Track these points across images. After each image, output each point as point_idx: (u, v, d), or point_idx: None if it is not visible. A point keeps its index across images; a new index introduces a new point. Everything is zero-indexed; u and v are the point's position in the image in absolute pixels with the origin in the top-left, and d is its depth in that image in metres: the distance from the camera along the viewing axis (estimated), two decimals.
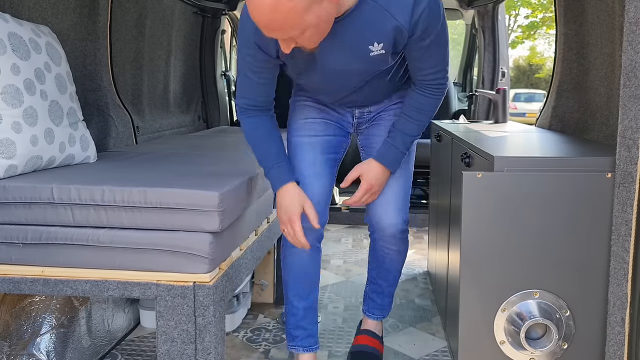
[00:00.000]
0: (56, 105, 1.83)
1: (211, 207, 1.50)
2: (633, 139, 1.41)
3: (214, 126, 4.35)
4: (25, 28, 1.78)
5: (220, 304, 1.56)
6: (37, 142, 1.72)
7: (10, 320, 1.87)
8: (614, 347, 1.50)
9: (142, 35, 3.17)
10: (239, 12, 4.77)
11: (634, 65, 1.40)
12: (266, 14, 1.41)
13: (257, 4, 1.40)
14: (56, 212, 1.56)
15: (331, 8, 1.48)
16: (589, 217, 1.67)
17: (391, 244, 1.99)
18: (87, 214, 1.55)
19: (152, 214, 1.53)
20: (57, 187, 1.55)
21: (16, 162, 1.66)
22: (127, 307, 2.39)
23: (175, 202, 1.51)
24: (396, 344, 2.31)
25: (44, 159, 1.76)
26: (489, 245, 1.71)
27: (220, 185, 1.57)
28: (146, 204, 1.52)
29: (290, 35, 1.48)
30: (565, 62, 2.64)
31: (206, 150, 2.46)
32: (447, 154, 2.47)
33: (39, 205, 1.56)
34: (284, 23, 1.42)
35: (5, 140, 1.62)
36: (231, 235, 1.66)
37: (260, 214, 1.99)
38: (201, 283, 1.52)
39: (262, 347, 2.28)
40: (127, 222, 1.54)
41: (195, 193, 1.51)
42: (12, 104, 1.64)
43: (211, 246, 1.51)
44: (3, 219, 1.58)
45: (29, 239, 1.56)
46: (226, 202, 1.53)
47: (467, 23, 4.94)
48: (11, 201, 1.57)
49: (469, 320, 1.75)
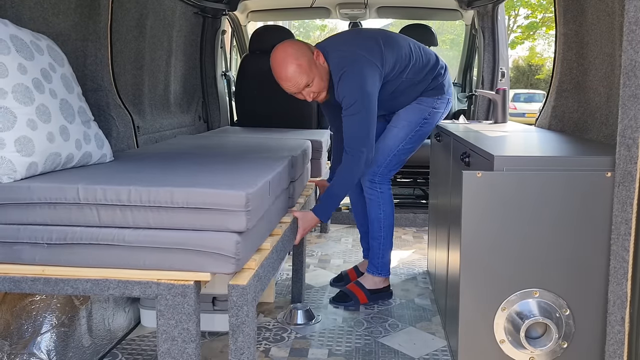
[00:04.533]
0: (66, 104, 1.83)
1: (238, 207, 1.50)
2: (633, 138, 1.41)
3: (214, 126, 4.35)
4: (25, 32, 1.78)
5: (253, 303, 1.57)
6: (53, 139, 1.72)
7: (11, 320, 1.87)
8: (614, 346, 1.51)
9: (143, 36, 3.17)
10: (240, 12, 4.78)
11: (634, 64, 1.41)
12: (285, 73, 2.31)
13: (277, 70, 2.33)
14: (82, 212, 1.55)
15: (319, 63, 2.38)
16: (588, 216, 1.67)
17: (366, 191, 2.73)
18: (113, 214, 1.54)
19: (178, 214, 1.53)
20: (83, 187, 1.54)
21: (36, 160, 1.65)
22: (127, 306, 2.40)
23: (202, 202, 1.51)
24: (396, 344, 2.32)
25: (62, 156, 1.76)
26: (488, 245, 1.72)
27: (246, 185, 1.58)
28: (173, 204, 1.52)
29: (302, 84, 2.34)
30: (565, 62, 2.65)
31: (218, 150, 2.45)
32: (447, 154, 2.47)
33: (64, 206, 1.56)
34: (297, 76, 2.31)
35: (23, 138, 1.62)
36: (254, 235, 1.66)
37: (277, 215, 1.99)
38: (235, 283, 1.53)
39: (263, 347, 2.29)
40: (153, 222, 1.54)
41: (222, 193, 1.50)
42: (24, 102, 1.64)
43: (238, 246, 1.51)
44: (27, 219, 1.57)
45: (54, 240, 1.55)
46: (252, 202, 1.53)
47: (466, 23, 4.94)
48: (36, 201, 1.56)
49: (469, 320, 1.75)
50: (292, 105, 4.24)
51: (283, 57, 2.31)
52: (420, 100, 2.67)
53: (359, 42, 2.52)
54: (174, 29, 3.65)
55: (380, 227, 2.73)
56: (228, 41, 4.90)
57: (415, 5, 4.87)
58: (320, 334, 2.41)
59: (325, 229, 4.08)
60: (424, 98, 2.67)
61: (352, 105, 2.37)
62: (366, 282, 2.75)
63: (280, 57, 2.32)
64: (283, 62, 2.31)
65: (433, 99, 2.68)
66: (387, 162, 2.69)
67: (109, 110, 2.75)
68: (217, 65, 4.38)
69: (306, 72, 2.31)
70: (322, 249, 3.66)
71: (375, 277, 2.76)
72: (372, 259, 2.78)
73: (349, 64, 2.39)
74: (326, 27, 35.85)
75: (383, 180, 2.71)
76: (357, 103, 2.37)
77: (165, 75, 3.56)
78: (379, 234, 2.73)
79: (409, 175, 4.74)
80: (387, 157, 2.68)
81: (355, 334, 2.41)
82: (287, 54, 2.31)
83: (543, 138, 2.32)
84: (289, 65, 2.30)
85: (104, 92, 2.74)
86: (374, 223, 2.73)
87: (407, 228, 4.18)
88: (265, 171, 1.84)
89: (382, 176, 2.71)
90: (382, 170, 2.69)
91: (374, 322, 2.54)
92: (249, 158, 2.16)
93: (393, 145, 2.69)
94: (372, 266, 2.77)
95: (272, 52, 2.36)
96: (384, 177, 2.72)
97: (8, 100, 1.61)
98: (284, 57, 2.31)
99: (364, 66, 2.40)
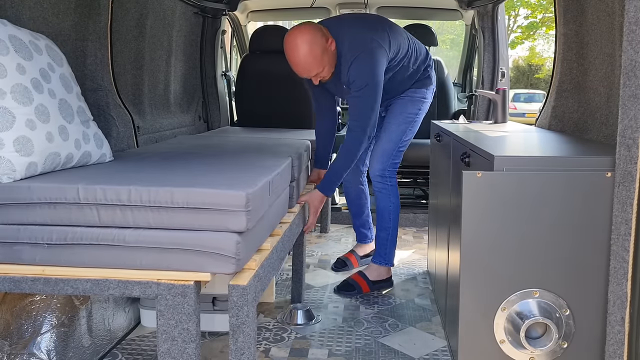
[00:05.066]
0: (65, 104, 1.83)
1: (238, 207, 1.50)
2: (633, 138, 1.41)
3: (214, 126, 4.35)
4: (24, 32, 1.78)
5: (253, 304, 1.57)
6: (52, 139, 1.72)
7: (10, 320, 1.87)
8: (614, 346, 1.51)
9: (143, 36, 3.17)
10: (240, 12, 4.78)
11: (634, 64, 1.41)
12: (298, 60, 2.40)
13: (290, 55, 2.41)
14: (82, 212, 1.55)
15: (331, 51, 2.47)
16: (588, 217, 1.67)
17: (376, 185, 2.86)
18: (113, 214, 1.54)
19: (178, 214, 1.53)
20: (83, 187, 1.54)
21: (35, 160, 1.65)
22: (127, 306, 2.40)
23: (202, 202, 1.51)
24: (396, 344, 2.32)
25: (61, 156, 1.76)
26: (488, 245, 1.71)
27: (246, 185, 1.57)
28: (173, 204, 1.51)
29: (313, 72, 2.45)
30: (565, 62, 2.65)
31: (218, 150, 2.45)
32: (447, 154, 2.47)
33: (64, 206, 1.55)
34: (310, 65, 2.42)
35: (22, 138, 1.62)
36: (254, 235, 1.66)
37: (277, 215, 1.99)
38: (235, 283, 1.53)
39: (263, 347, 2.29)
40: (153, 222, 1.54)
41: (222, 193, 1.50)
42: (23, 102, 1.64)
43: (238, 246, 1.51)
44: (28, 220, 1.57)
45: (54, 240, 1.55)
46: (252, 202, 1.53)
47: (467, 23, 4.94)
48: (36, 201, 1.56)
49: (469, 320, 1.75)
50: (292, 105, 4.24)
51: (299, 43, 2.38)
52: (413, 91, 2.83)
53: (370, 26, 2.62)
54: (174, 29, 3.65)
55: (389, 219, 2.87)
56: (228, 41, 4.90)
57: (415, 5, 4.87)
58: (320, 334, 2.41)
59: (325, 229, 4.08)
60: (416, 89, 2.83)
61: (363, 88, 2.49)
62: (370, 274, 2.89)
63: (295, 43, 2.39)
64: (297, 48, 2.39)
65: (423, 90, 2.85)
66: (392, 155, 2.85)
67: (108, 110, 2.75)
68: (217, 65, 4.38)
69: (319, 62, 2.42)
70: (322, 249, 3.66)
71: (380, 268, 2.90)
72: (379, 250, 2.91)
73: (362, 48, 2.49)
74: None
75: (392, 173, 2.88)
76: (367, 86, 2.48)
77: (165, 75, 3.56)
78: (388, 225, 2.87)
79: (409, 175, 4.74)
80: (393, 151, 2.84)
81: (355, 334, 2.41)
82: (303, 40, 2.38)
83: (543, 138, 2.32)
84: (303, 53, 2.38)
85: (104, 92, 2.74)
86: (383, 214, 2.87)
87: (407, 228, 4.18)
88: (266, 171, 1.84)
89: (391, 169, 2.87)
90: (389, 164, 2.85)
91: (374, 322, 2.54)
92: (249, 158, 2.16)
93: (396, 138, 2.83)
94: (379, 256, 2.91)
95: (288, 34, 2.43)
96: (392, 170, 2.88)
97: (7, 100, 1.61)
98: (300, 44, 2.38)
99: (376, 51, 2.50)
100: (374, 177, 2.86)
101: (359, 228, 3.27)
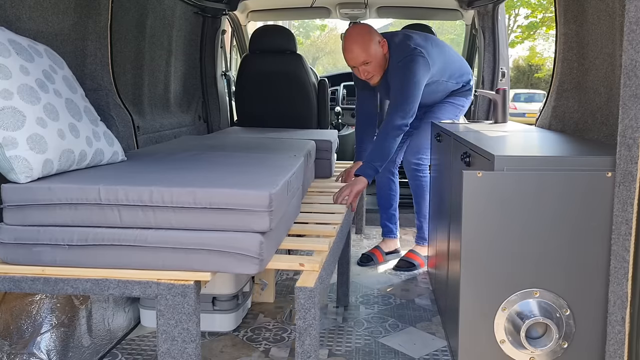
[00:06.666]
0: (72, 103, 1.83)
1: (261, 207, 1.50)
2: (633, 138, 1.41)
3: (214, 126, 4.35)
4: (22, 38, 1.78)
5: (318, 306, 1.57)
6: (64, 136, 1.71)
7: (10, 319, 1.87)
8: (614, 346, 1.51)
9: (143, 35, 3.17)
10: (240, 12, 4.78)
11: (634, 64, 1.41)
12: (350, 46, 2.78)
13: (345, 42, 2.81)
14: (103, 213, 1.54)
15: (380, 50, 2.84)
16: (589, 216, 1.67)
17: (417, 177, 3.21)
18: (135, 214, 1.53)
19: (201, 215, 1.52)
20: (104, 188, 1.53)
21: (50, 157, 1.64)
22: (127, 306, 2.40)
23: (225, 203, 1.50)
24: (396, 344, 2.32)
25: (75, 153, 1.75)
26: (489, 244, 1.71)
27: (268, 185, 1.57)
28: (195, 204, 1.51)
29: (361, 60, 2.78)
30: (565, 62, 2.65)
31: (229, 150, 2.43)
32: (448, 154, 2.47)
33: (85, 207, 1.54)
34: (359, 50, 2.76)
35: (35, 135, 1.61)
36: (275, 235, 1.66)
37: (293, 214, 1.98)
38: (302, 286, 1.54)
39: (263, 346, 2.29)
40: (175, 223, 1.53)
41: (245, 193, 1.50)
42: (31, 102, 1.64)
43: (261, 246, 1.51)
44: (48, 221, 1.56)
45: (75, 241, 1.54)
46: (275, 202, 1.53)
47: (467, 23, 4.93)
48: (56, 202, 1.55)
49: (469, 320, 1.75)
50: (292, 106, 4.23)
51: (356, 33, 2.80)
52: (454, 99, 3.24)
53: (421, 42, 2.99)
54: (174, 29, 3.65)
55: (427, 207, 3.24)
56: (228, 41, 4.90)
57: (415, 5, 4.87)
58: (320, 334, 2.41)
59: (360, 230, 4.05)
60: (457, 97, 3.24)
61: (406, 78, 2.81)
62: (421, 250, 3.35)
63: (353, 33, 2.82)
64: (352, 35, 2.81)
65: (463, 99, 3.27)
66: (428, 152, 3.18)
67: (108, 110, 2.75)
68: (217, 65, 4.37)
69: (367, 52, 2.78)
70: None
71: (423, 246, 3.35)
72: (421, 233, 3.36)
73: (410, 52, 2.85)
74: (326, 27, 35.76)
75: (425, 168, 3.23)
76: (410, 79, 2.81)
77: (165, 75, 3.56)
78: (426, 212, 3.27)
79: None
80: (429, 149, 3.16)
81: (355, 334, 2.41)
82: (360, 33, 2.80)
83: (543, 138, 2.31)
84: (356, 39, 2.78)
85: (104, 92, 2.74)
86: (424, 204, 3.26)
87: (407, 228, 4.17)
88: (283, 171, 1.83)
89: (427, 165, 3.21)
90: (426, 160, 3.19)
91: (374, 322, 2.54)
92: (262, 158, 2.14)
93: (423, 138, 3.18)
94: (421, 239, 3.37)
95: (350, 27, 2.90)
96: (425, 165, 3.23)
97: (15, 100, 1.61)
98: (356, 34, 2.80)
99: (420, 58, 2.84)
100: (415, 171, 3.19)
101: (386, 222, 3.51)
